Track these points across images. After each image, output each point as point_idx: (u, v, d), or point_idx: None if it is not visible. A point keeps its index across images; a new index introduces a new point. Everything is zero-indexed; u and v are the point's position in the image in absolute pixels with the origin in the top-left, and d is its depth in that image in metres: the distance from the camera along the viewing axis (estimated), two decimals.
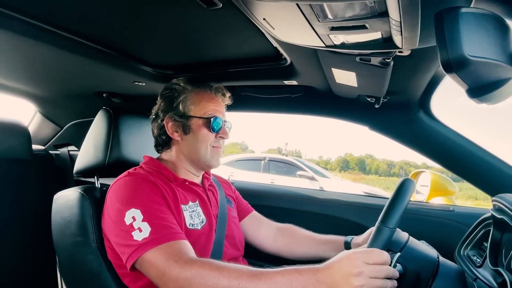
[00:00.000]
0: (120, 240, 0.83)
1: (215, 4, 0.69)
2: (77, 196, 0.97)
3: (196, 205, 0.99)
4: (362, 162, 69.96)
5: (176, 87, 1.03)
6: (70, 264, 0.99)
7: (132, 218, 0.82)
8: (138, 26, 0.86)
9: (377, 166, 67.34)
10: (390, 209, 0.71)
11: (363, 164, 68.74)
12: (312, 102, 1.34)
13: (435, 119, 1.20)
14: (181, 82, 1.03)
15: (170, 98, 1.02)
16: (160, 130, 1.03)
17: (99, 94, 1.47)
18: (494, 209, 0.84)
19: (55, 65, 1.13)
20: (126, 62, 1.10)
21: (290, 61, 0.99)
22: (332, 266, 0.68)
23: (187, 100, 1.01)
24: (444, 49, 0.47)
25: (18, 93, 1.55)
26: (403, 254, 0.74)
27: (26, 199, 1.39)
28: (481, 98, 0.52)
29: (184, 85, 1.03)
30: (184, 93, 1.02)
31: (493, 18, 0.48)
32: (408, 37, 0.60)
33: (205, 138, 1.00)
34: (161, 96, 1.05)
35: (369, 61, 0.82)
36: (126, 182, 0.89)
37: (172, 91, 1.03)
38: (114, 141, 1.08)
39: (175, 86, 1.03)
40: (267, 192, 1.56)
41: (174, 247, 0.79)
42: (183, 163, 1.03)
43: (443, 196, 1.72)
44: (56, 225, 1.01)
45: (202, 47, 1.00)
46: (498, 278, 0.72)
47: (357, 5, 0.56)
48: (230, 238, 1.05)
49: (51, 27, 0.86)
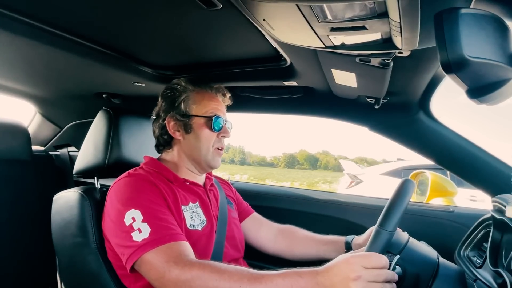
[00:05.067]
0: (119, 241, 0.83)
1: (215, 5, 0.69)
2: (76, 197, 0.97)
3: (197, 206, 0.99)
4: (312, 158, 71.55)
5: (177, 87, 1.03)
6: (69, 264, 0.99)
7: (132, 218, 0.82)
8: (138, 27, 0.86)
9: (327, 162, 68.23)
10: (389, 212, 0.71)
11: (313, 160, 70.46)
12: (312, 103, 1.34)
13: (435, 120, 1.20)
14: (182, 82, 1.04)
15: (171, 98, 1.03)
16: (162, 130, 1.03)
17: (99, 95, 1.47)
18: (494, 210, 0.84)
19: (55, 66, 1.13)
20: (126, 63, 1.10)
21: (290, 62, 0.99)
22: (331, 269, 0.68)
23: (188, 100, 1.01)
24: (443, 50, 0.47)
25: (18, 94, 1.55)
26: (402, 255, 0.73)
27: (26, 199, 1.39)
28: (481, 99, 0.52)
29: (185, 85, 1.03)
30: (185, 93, 1.02)
31: (493, 19, 0.48)
32: (408, 38, 0.60)
33: (207, 137, 1.00)
34: (162, 97, 1.06)
35: (369, 62, 0.82)
36: (126, 182, 0.89)
37: (173, 91, 1.03)
38: (114, 142, 1.08)
39: (176, 86, 1.04)
40: (267, 193, 1.56)
41: (173, 248, 0.79)
42: (185, 162, 1.03)
43: (443, 196, 1.72)
44: (56, 226, 1.00)
45: (202, 48, 1.00)
46: (498, 279, 0.72)
47: (357, 6, 0.56)
48: (231, 239, 1.05)
49: (52, 28, 0.86)
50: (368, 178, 4.97)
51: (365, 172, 5.27)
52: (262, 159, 71.32)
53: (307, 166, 66.73)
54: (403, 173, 4.74)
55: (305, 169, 54.86)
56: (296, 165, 66.35)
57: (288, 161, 69.31)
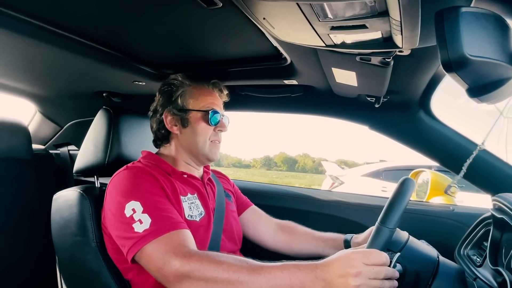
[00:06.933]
0: (121, 233, 0.83)
1: (215, 4, 0.69)
2: (76, 196, 0.97)
3: (195, 198, 0.99)
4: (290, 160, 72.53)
5: (174, 82, 1.04)
6: (70, 263, 0.99)
7: (132, 210, 0.82)
8: (138, 25, 0.86)
9: (304, 164, 68.67)
10: (390, 209, 0.71)
11: (291, 162, 71.52)
12: (312, 102, 1.34)
13: (435, 119, 1.20)
14: (179, 77, 1.05)
15: (168, 92, 1.04)
16: (159, 125, 1.04)
17: (99, 93, 1.47)
18: (494, 209, 0.84)
19: (55, 65, 1.13)
20: (126, 61, 1.10)
21: (290, 60, 0.99)
22: (331, 263, 0.68)
23: (185, 94, 1.02)
24: (444, 49, 0.47)
25: (18, 93, 1.55)
26: (403, 254, 0.73)
27: (26, 198, 1.39)
28: (481, 98, 0.52)
29: (182, 80, 1.04)
30: (182, 87, 1.03)
31: (493, 17, 0.48)
32: (408, 37, 0.60)
33: (204, 131, 1.01)
34: (159, 92, 1.07)
35: (369, 61, 0.82)
36: (125, 175, 0.90)
37: (171, 86, 1.04)
38: (114, 141, 1.08)
39: (173, 81, 1.05)
40: (266, 191, 1.56)
41: (174, 238, 0.80)
42: (183, 156, 1.03)
43: (443, 195, 1.72)
44: (56, 224, 1.01)
45: (202, 47, 1.00)
46: (498, 277, 0.73)
47: (357, 5, 0.56)
48: (228, 232, 1.05)
49: (51, 26, 0.86)
50: (349, 179, 4.98)
51: (346, 174, 5.28)
52: (238, 161, 71.41)
53: (285, 168, 67.23)
54: (383, 174, 4.81)
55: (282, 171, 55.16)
56: (273, 167, 66.73)
57: (265, 163, 69.74)
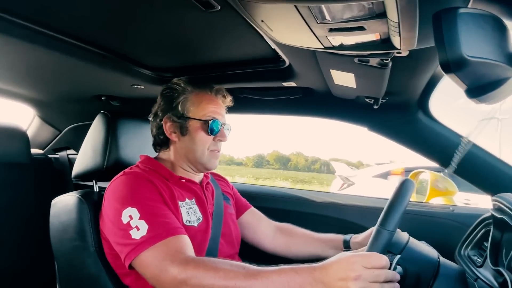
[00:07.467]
0: (118, 239, 0.83)
1: (213, 7, 0.69)
2: (75, 201, 0.96)
3: (193, 203, 0.99)
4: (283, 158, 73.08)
5: (176, 87, 1.02)
6: (68, 268, 0.99)
7: (129, 216, 0.82)
8: (136, 29, 0.86)
9: (297, 163, 68.60)
10: (389, 211, 0.71)
11: (283, 160, 72.03)
12: (311, 104, 1.34)
13: (434, 119, 1.20)
14: (182, 83, 1.03)
15: (169, 97, 1.02)
16: (159, 130, 1.03)
17: (98, 97, 1.47)
18: (494, 209, 0.84)
19: (53, 69, 1.13)
20: (125, 65, 1.10)
21: (288, 62, 0.99)
22: (330, 266, 0.68)
23: (186, 101, 1.01)
24: (442, 50, 0.47)
25: (17, 97, 1.55)
26: (403, 255, 0.73)
27: (25, 203, 1.39)
28: (480, 98, 0.52)
29: (184, 86, 1.02)
30: (184, 94, 1.01)
31: (491, 18, 0.48)
32: (406, 38, 0.60)
33: (202, 141, 0.99)
34: (161, 95, 1.05)
35: (367, 62, 0.82)
36: (122, 181, 0.90)
37: (172, 91, 1.02)
38: (112, 145, 1.08)
39: (175, 86, 1.03)
40: (264, 193, 1.56)
41: (170, 245, 0.79)
42: (181, 162, 1.03)
43: (442, 196, 1.72)
44: (55, 229, 1.00)
45: (201, 50, 1.00)
46: (499, 278, 0.72)
47: (355, 7, 0.56)
48: (227, 236, 1.05)
49: (49, 30, 0.85)
50: (360, 180, 4.95)
51: (357, 174, 5.24)
52: (230, 158, 71.43)
53: (278, 166, 67.42)
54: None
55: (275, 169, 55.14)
56: (265, 165, 66.74)
57: (257, 160, 69.60)
